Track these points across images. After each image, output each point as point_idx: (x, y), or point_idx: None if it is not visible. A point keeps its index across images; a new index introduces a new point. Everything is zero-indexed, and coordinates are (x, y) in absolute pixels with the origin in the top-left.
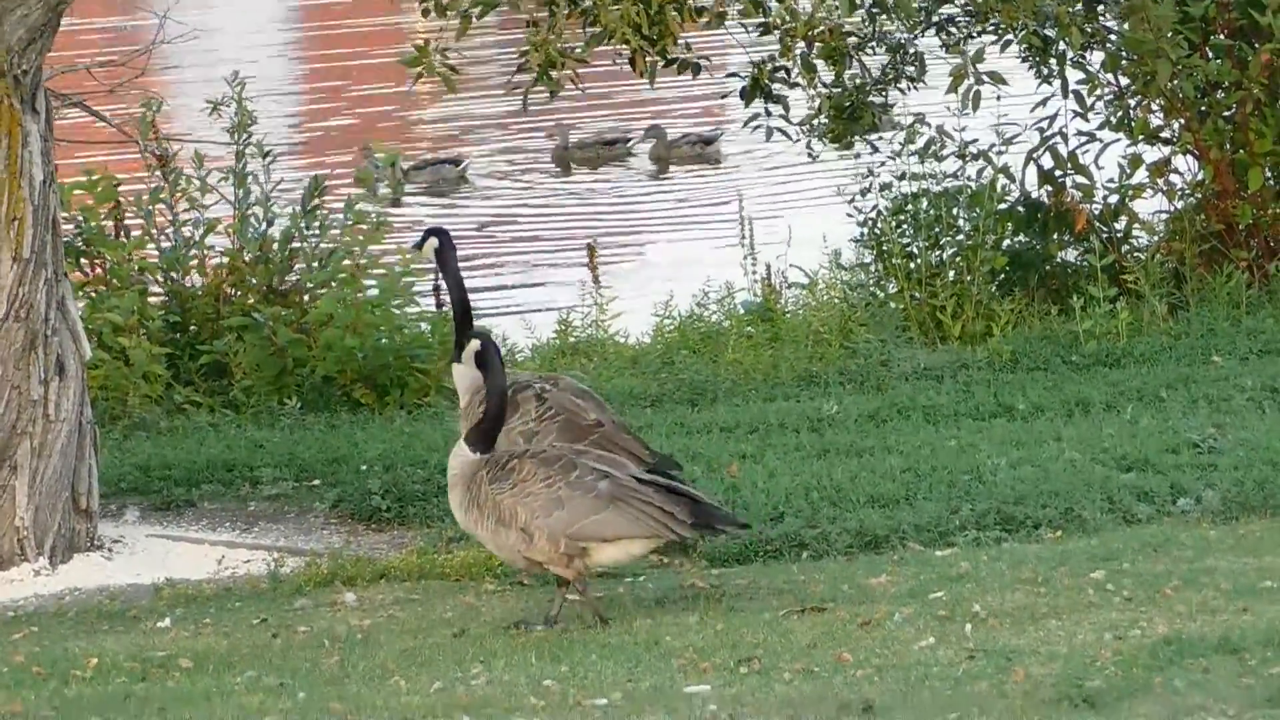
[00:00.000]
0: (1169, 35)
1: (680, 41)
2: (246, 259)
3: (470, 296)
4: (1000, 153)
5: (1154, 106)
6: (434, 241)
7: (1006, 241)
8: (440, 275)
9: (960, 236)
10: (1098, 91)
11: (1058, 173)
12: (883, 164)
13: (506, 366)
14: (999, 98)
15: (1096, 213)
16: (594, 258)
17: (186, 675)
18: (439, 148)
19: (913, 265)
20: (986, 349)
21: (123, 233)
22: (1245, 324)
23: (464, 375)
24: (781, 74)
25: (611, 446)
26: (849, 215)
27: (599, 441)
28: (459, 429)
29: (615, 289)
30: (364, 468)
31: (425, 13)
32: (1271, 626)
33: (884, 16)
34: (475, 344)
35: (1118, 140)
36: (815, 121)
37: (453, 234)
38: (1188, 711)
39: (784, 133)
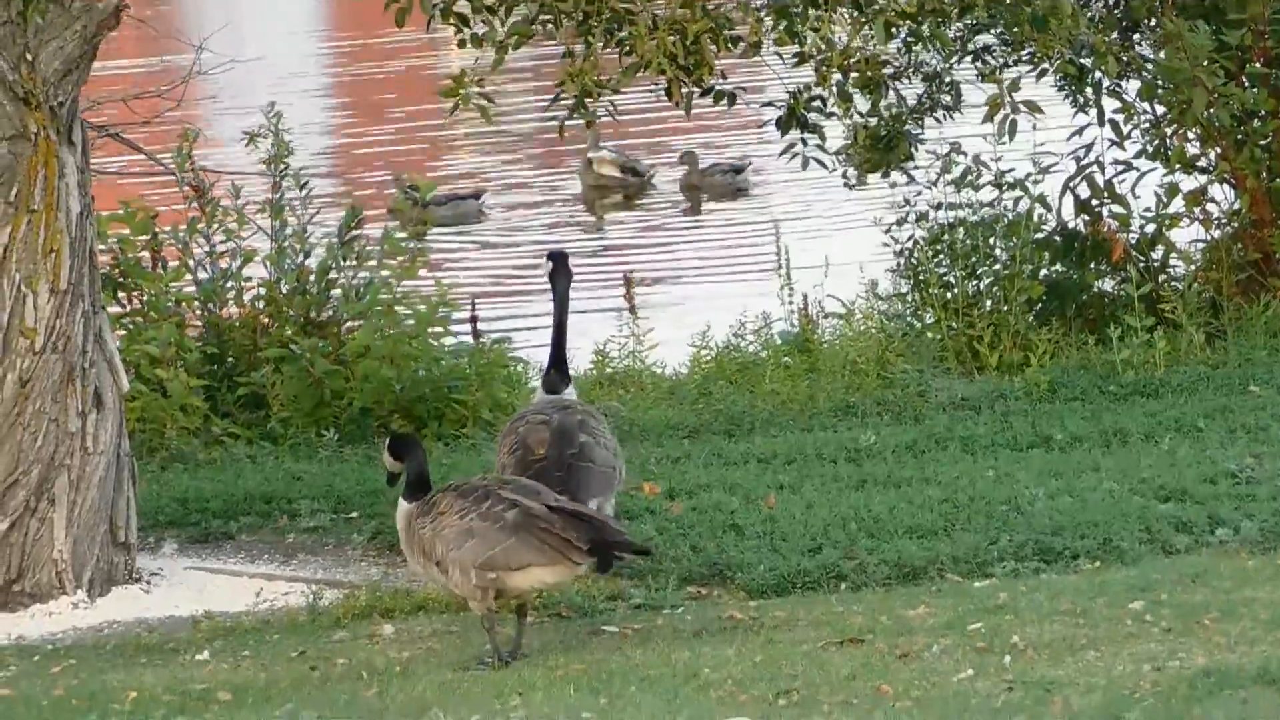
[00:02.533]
0: (1205, 63)
1: (717, 71)
2: (283, 290)
3: (509, 328)
4: (1037, 182)
5: (1190, 135)
6: (548, 264)
7: (1043, 271)
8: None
9: (997, 266)
10: (1134, 120)
11: (1094, 202)
12: (919, 193)
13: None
14: (1035, 127)
15: (1133, 242)
16: (631, 288)
17: (225, 708)
18: (475, 180)
19: (950, 295)
20: (1024, 379)
21: (160, 264)
22: None
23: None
24: (817, 103)
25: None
26: (885, 245)
27: (532, 478)
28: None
29: (652, 320)
30: None
31: (461, 44)
32: None
33: (920, 46)
34: (387, 441)
35: (1154, 169)
36: (851, 151)
37: (476, 267)
38: None
39: (820, 162)
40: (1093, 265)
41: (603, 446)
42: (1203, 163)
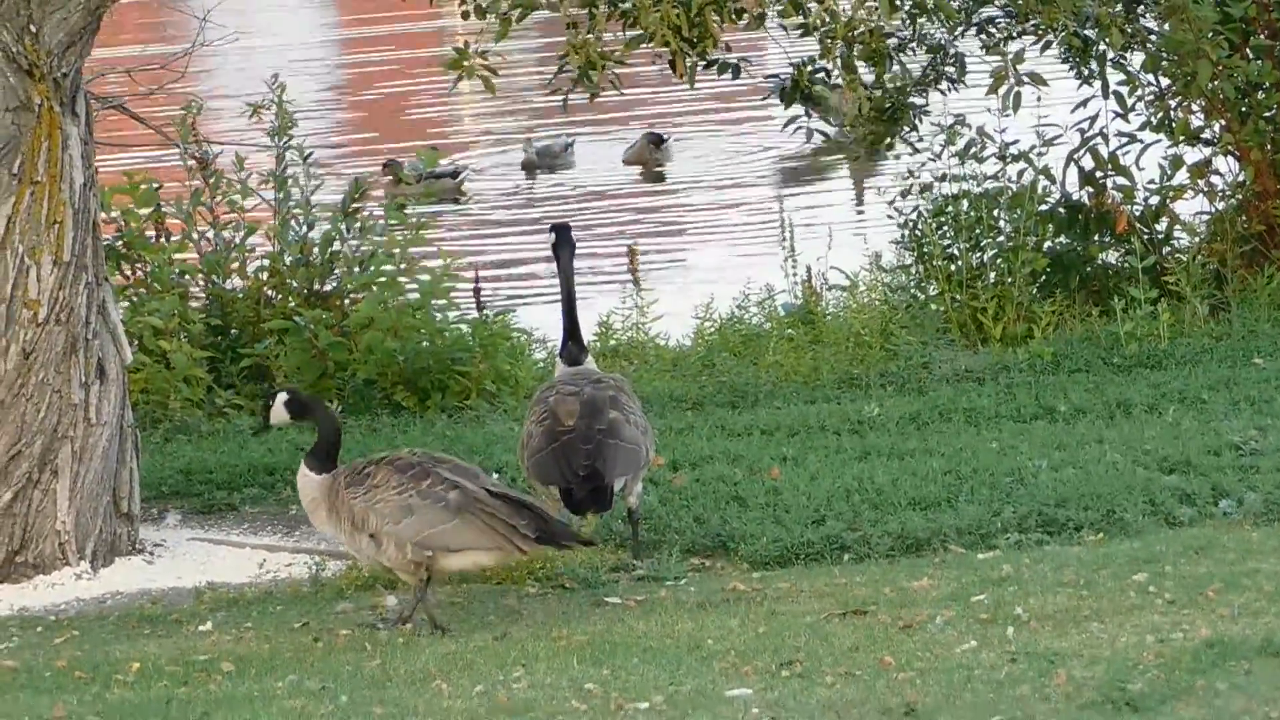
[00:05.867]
0: (1209, 36)
1: (720, 43)
2: (287, 262)
3: (513, 300)
4: (1041, 154)
5: (1195, 107)
6: (551, 236)
7: (1047, 243)
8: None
9: (1001, 238)
10: (1138, 92)
11: (1098, 174)
12: (923, 165)
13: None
14: (1039, 99)
15: (1137, 214)
16: (635, 260)
17: (228, 679)
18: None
19: (953, 267)
20: (1028, 351)
21: (163, 236)
22: None
23: (559, 369)
24: (822, 75)
25: (558, 458)
26: (889, 217)
27: (557, 450)
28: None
29: (655, 291)
30: None
31: (465, 15)
32: None
33: (924, 18)
34: (283, 397)
35: (1158, 141)
36: (855, 122)
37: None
38: (1230, 714)
39: (824, 134)
40: (1097, 237)
41: (631, 424)
42: (1207, 135)
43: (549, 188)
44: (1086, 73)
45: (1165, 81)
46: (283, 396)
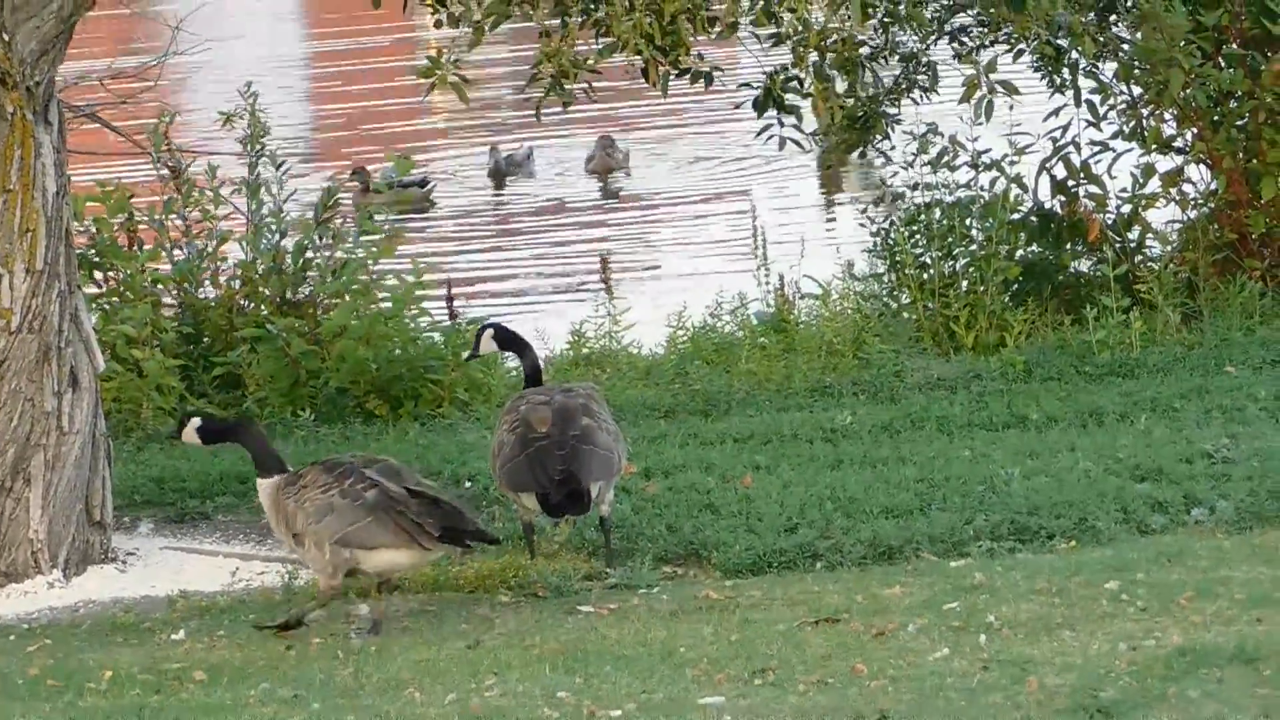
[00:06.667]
0: (1182, 44)
1: (693, 52)
2: (260, 270)
3: (485, 308)
4: (1013, 163)
5: (1167, 116)
6: (490, 332)
7: (1020, 252)
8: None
9: (973, 247)
10: (1110, 101)
11: (1071, 183)
12: (895, 174)
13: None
14: (1012, 108)
15: (1110, 222)
16: (607, 269)
17: (201, 687)
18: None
19: (926, 275)
20: (1000, 359)
21: (136, 244)
22: (1259, 334)
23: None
24: (794, 84)
25: (534, 463)
26: (861, 225)
27: (532, 455)
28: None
29: (628, 300)
30: None
31: (438, 24)
32: None
33: (896, 27)
34: (195, 422)
35: (1131, 150)
36: (827, 131)
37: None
38: None
39: (797, 143)
40: (1069, 246)
41: (604, 431)
42: (1179, 143)
43: (517, 197)
44: (1059, 81)
45: (1137, 90)
46: (195, 421)
